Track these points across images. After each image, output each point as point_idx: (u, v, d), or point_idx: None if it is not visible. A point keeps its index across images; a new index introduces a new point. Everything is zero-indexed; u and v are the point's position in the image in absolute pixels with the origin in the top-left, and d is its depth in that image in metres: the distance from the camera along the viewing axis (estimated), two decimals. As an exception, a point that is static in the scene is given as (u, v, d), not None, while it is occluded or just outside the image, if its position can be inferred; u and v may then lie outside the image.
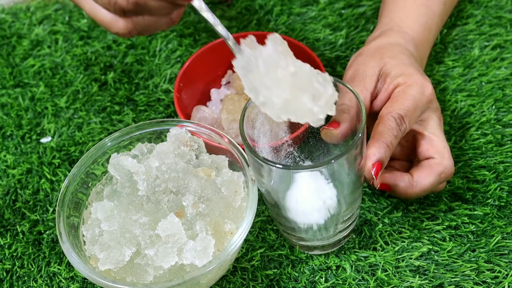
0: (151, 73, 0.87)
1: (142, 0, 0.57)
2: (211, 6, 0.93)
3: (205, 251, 0.59)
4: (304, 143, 0.67)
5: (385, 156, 0.61)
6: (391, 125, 0.62)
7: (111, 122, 0.82)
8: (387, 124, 0.62)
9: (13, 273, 0.70)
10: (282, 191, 0.60)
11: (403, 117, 0.63)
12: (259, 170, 0.59)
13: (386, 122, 0.62)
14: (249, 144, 0.58)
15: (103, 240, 0.60)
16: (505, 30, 0.85)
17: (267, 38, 0.53)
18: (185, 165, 0.62)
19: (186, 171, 0.62)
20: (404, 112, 0.63)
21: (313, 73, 0.50)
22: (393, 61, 0.67)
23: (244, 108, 0.59)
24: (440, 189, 0.69)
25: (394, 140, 0.62)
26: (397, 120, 0.62)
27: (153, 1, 0.58)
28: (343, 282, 0.66)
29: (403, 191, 0.66)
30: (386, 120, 0.62)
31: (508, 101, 0.78)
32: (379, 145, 0.61)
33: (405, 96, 0.64)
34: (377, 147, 0.61)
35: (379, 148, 0.61)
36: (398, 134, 0.62)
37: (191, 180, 0.61)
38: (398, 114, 0.63)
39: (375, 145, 0.61)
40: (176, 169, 0.62)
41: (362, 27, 0.88)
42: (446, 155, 0.66)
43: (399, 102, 0.64)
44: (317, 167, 0.55)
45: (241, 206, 0.63)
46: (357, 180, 0.60)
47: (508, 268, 0.65)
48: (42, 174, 0.78)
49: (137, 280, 0.60)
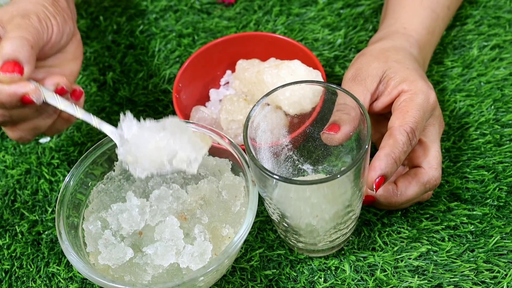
0: (150, 74, 0.87)
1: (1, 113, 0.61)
2: (211, 6, 0.93)
3: (201, 257, 0.59)
4: (303, 145, 0.67)
5: (390, 172, 0.60)
6: (403, 140, 0.61)
7: (110, 122, 0.82)
8: (398, 138, 0.61)
9: (12, 274, 0.70)
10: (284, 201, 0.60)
11: (414, 131, 0.62)
12: (264, 183, 0.58)
13: (397, 136, 0.61)
14: (254, 156, 0.58)
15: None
16: (503, 30, 0.85)
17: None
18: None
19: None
20: (415, 125, 0.62)
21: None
22: (397, 65, 0.67)
23: (247, 118, 0.59)
24: (426, 199, 0.69)
25: (403, 155, 0.61)
26: (409, 134, 0.62)
27: (15, 111, 0.61)
28: (342, 282, 0.66)
29: (387, 201, 0.65)
30: (398, 134, 0.61)
31: (507, 101, 0.78)
32: (387, 159, 0.60)
33: (414, 106, 0.63)
34: (385, 162, 0.60)
35: (386, 162, 0.60)
36: (408, 149, 0.62)
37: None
38: (411, 128, 0.62)
39: (383, 158, 0.60)
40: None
41: (360, 26, 0.88)
42: (434, 165, 0.65)
43: (409, 114, 0.63)
44: (322, 182, 0.55)
45: (239, 211, 0.63)
46: (359, 190, 0.60)
47: (507, 268, 0.65)
48: (41, 174, 0.78)
49: (135, 279, 0.60)
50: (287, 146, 0.66)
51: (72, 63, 0.69)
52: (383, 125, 0.69)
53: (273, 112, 0.64)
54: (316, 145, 0.66)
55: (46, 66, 0.66)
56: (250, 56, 0.80)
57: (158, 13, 0.93)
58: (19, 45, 0.59)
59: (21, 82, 0.59)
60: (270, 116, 0.63)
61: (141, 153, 0.58)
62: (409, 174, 0.65)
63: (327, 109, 0.63)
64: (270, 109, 0.63)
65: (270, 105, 0.62)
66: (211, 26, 0.91)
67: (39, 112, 0.63)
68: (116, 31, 0.92)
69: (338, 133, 0.60)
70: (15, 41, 0.59)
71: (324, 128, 0.61)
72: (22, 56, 0.59)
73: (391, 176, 0.61)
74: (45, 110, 0.63)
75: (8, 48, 0.58)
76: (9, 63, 0.58)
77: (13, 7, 0.64)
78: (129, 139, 0.59)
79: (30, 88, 0.59)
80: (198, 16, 0.92)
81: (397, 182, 0.65)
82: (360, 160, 0.55)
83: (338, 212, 0.60)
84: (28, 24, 0.61)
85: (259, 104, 0.60)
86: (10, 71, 0.58)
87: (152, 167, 0.58)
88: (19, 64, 0.59)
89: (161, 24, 0.92)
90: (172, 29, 0.91)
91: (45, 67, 0.66)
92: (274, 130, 0.64)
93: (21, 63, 0.59)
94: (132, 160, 0.58)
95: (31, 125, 0.64)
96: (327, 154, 0.67)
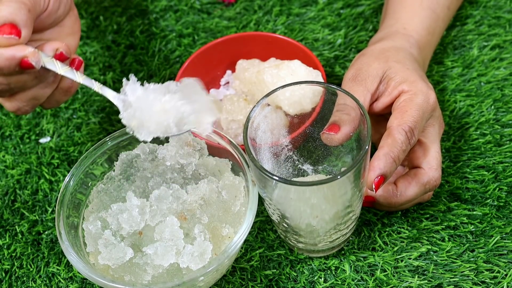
0: (150, 74, 0.87)
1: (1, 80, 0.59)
2: (212, 6, 0.93)
3: (201, 257, 0.59)
4: (303, 146, 0.67)
5: (389, 171, 0.60)
6: (401, 139, 0.61)
7: (110, 122, 0.82)
8: (397, 137, 0.61)
9: (12, 274, 0.70)
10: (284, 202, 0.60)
11: (413, 130, 0.62)
12: (264, 183, 0.58)
13: (396, 135, 0.61)
14: (254, 157, 0.58)
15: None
16: (504, 30, 0.85)
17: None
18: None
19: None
20: (414, 125, 0.62)
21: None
22: (398, 66, 0.67)
23: (247, 119, 0.59)
24: (426, 200, 0.69)
25: (402, 154, 0.61)
26: (408, 133, 0.62)
27: (13, 78, 0.59)
28: (342, 282, 0.66)
29: (386, 201, 0.65)
30: (397, 133, 0.62)
31: (507, 101, 0.78)
32: (386, 159, 0.60)
33: (413, 106, 0.63)
34: (384, 161, 0.60)
35: (385, 162, 0.60)
36: (407, 148, 0.62)
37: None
38: (409, 127, 0.62)
39: (382, 158, 0.60)
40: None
41: (360, 26, 0.88)
42: (434, 166, 0.65)
43: (408, 114, 0.63)
44: (322, 183, 0.55)
45: (239, 211, 0.63)
46: (359, 191, 0.60)
47: (507, 268, 0.65)
48: (41, 174, 0.78)
49: (135, 279, 0.60)
50: (287, 146, 0.66)
51: (70, 37, 0.67)
52: (383, 126, 0.69)
53: (273, 112, 0.64)
54: (316, 145, 0.66)
55: (44, 39, 0.65)
56: (250, 56, 0.80)
57: (158, 13, 0.93)
58: (16, 8, 0.58)
59: (19, 46, 0.57)
60: (270, 116, 0.63)
61: (146, 116, 0.57)
62: (409, 175, 0.65)
63: (327, 109, 0.63)
64: (270, 110, 0.63)
65: (270, 106, 0.62)
66: (211, 26, 0.91)
67: (38, 79, 0.62)
68: (116, 31, 0.92)
69: (338, 134, 0.60)
70: (12, 3, 0.58)
71: (324, 128, 0.61)
72: (20, 18, 0.58)
73: (390, 176, 0.61)
74: (45, 78, 0.62)
75: (5, 11, 0.57)
76: (6, 25, 0.57)
77: None
78: (133, 103, 0.58)
79: (29, 51, 0.57)
80: (198, 16, 0.93)
81: (397, 183, 0.65)
82: (361, 161, 0.55)
83: (338, 213, 0.60)
84: None
85: (259, 105, 0.60)
86: (8, 33, 0.57)
87: (158, 130, 0.57)
88: (16, 26, 0.57)
89: (161, 24, 0.92)
90: (172, 29, 0.91)
91: (42, 40, 0.64)
92: (274, 130, 0.64)
93: (18, 26, 0.57)
94: (137, 124, 0.57)
95: (30, 94, 0.62)
96: (327, 154, 0.67)
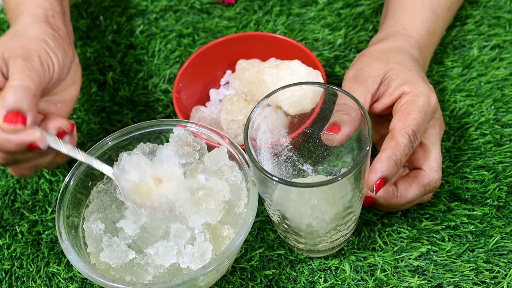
0: (150, 73, 0.87)
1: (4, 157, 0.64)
2: (211, 6, 0.93)
3: (202, 257, 0.59)
4: (304, 146, 0.67)
5: (391, 174, 0.60)
6: (405, 143, 0.61)
7: (110, 122, 0.82)
8: (400, 141, 0.61)
9: (12, 274, 0.70)
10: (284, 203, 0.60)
11: (416, 133, 0.62)
12: (264, 184, 0.58)
13: (399, 138, 0.61)
14: (255, 158, 0.58)
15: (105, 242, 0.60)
16: (504, 30, 0.85)
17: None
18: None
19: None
20: (417, 128, 0.62)
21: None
22: (399, 67, 0.67)
23: (248, 119, 0.59)
24: (426, 201, 0.69)
25: (404, 158, 0.61)
26: (411, 137, 0.62)
27: (19, 155, 0.63)
28: (342, 283, 0.66)
29: (386, 202, 0.65)
30: (400, 136, 0.61)
31: (507, 101, 0.78)
32: (389, 162, 0.60)
33: (415, 108, 0.63)
34: (386, 164, 0.60)
35: (388, 164, 0.60)
36: (409, 152, 0.62)
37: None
38: (412, 131, 0.62)
39: (384, 161, 0.60)
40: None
41: (360, 26, 0.88)
42: (435, 168, 0.65)
43: (411, 116, 0.63)
44: (323, 185, 0.55)
45: (241, 212, 0.63)
46: (360, 192, 0.60)
47: (507, 268, 0.65)
48: (41, 174, 0.78)
49: (136, 279, 0.60)
50: (287, 146, 0.66)
51: (72, 88, 0.71)
52: (383, 126, 0.69)
53: (274, 113, 0.64)
54: (316, 145, 0.66)
55: (46, 94, 0.68)
56: (250, 56, 0.80)
57: (158, 13, 0.93)
58: (22, 96, 0.61)
59: (27, 131, 0.61)
60: (271, 116, 0.63)
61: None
62: (409, 176, 0.65)
63: (327, 109, 0.63)
64: (271, 110, 0.63)
65: (270, 106, 0.62)
66: (211, 26, 0.91)
67: (41, 153, 0.65)
68: (116, 31, 0.92)
69: (338, 134, 0.60)
70: (18, 90, 0.62)
71: (324, 128, 0.61)
72: (25, 105, 0.61)
73: (391, 179, 0.61)
74: (47, 151, 0.65)
75: (11, 98, 0.61)
76: (12, 114, 0.61)
77: (15, 42, 0.66)
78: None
79: (37, 136, 0.61)
80: (198, 16, 0.93)
81: (397, 184, 0.65)
82: (361, 163, 0.55)
83: (339, 214, 0.60)
84: (31, 68, 0.63)
85: (259, 106, 0.60)
86: (14, 122, 0.60)
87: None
88: (22, 114, 0.61)
89: (161, 24, 0.92)
90: (172, 29, 0.91)
91: (44, 95, 0.68)
92: (274, 131, 0.64)
93: (24, 113, 0.61)
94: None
95: (33, 164, 0.67)
96: (327, 155, 0.67)
